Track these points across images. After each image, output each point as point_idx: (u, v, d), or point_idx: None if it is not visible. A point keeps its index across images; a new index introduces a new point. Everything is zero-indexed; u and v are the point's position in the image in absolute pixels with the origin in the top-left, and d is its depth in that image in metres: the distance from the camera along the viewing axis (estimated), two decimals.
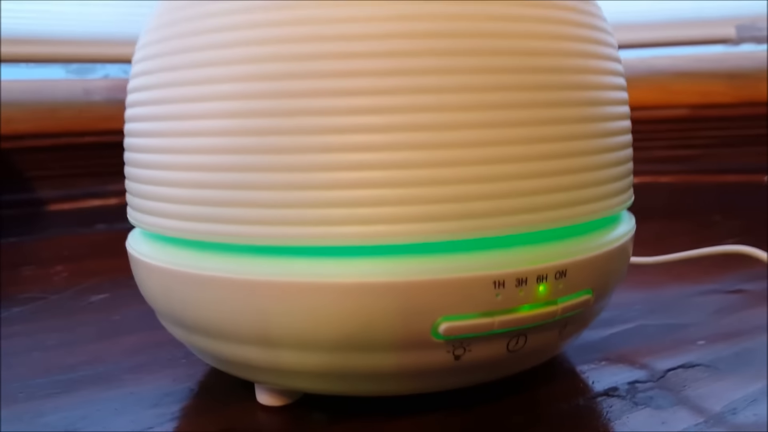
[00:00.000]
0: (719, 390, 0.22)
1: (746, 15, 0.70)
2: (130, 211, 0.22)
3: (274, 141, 0.17)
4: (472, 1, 0.17)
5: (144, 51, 0.21)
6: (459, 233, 0.17)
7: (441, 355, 0.18)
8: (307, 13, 0.17)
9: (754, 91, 0.74)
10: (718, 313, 0.30)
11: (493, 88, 0.17)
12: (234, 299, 0.18)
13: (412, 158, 0.17)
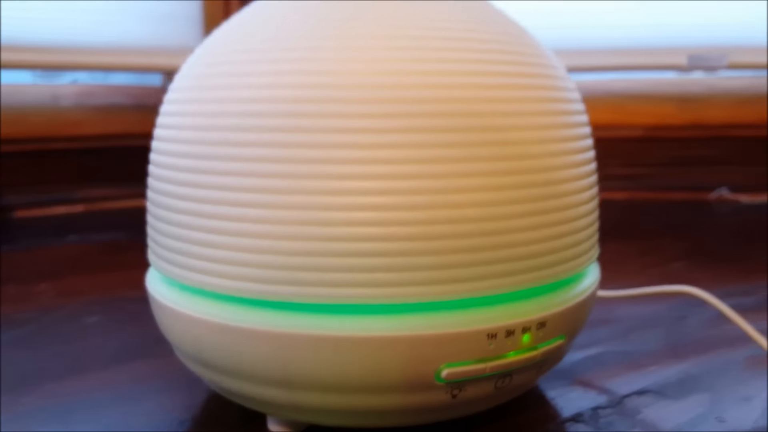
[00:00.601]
0: (668, 414, 0.26)
1: (698, 46, 0.76)
2: (156, 260, 0.24)
3: (299, 216, 0.20)
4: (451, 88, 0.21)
5: (172, 118, 0.23)
6: (458, 294, 0.20)
7: (441, 395, 0.21)
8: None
9: (702, 114, 0.79)
10: (665, 339, 0.34)
11: (478, 174, 0.20)
12: (261, 348, 0.20)
13: (416, 233, 0.20)
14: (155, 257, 0.24)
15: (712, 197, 0.79)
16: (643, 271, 0.48)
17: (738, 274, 0.47)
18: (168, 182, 0.23)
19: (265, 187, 0.20)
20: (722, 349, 0.32)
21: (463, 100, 0.21)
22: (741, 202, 0.79)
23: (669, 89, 0.80)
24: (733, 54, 0.75)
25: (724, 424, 0.25)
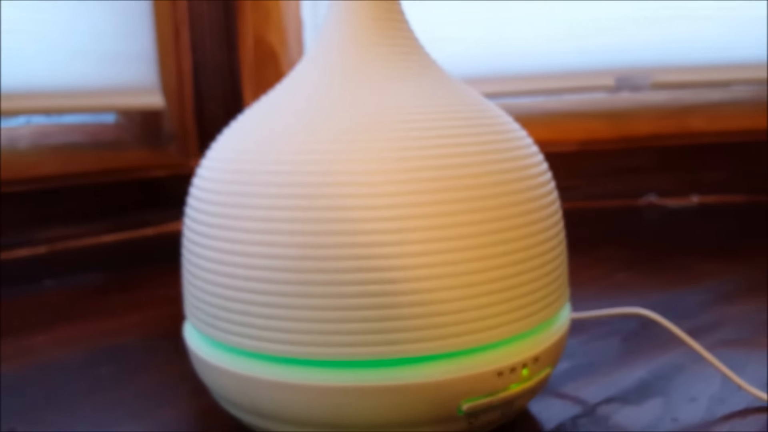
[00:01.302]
0: (632, 418, 0.31)
1: (624, 68, 0.83)
2: (200, 324, 0.27)
3: (333, 291, 0.24)
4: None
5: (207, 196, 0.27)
6: (473, 344, 0.25)
7: (461, 425, 0.25)
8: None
9: (629, 128, 0.87)
10: (619, 351, 0.40)
11: (483, 248, 0.25)
12: (313, 400, 0.25)
13: (437, 299, 0.24)
14: (199, 321, 0.28)
15: (641, 203, 0.87)
16: (593, 283, 0.53)
17: (673, 277, 0.54)
18: (213, 259, 0.26)
19: (308, 268, 0.24)
20: (667, 356, 0.38)
21: (465, 188, 0.25)
22: (668, 206, 0.87)
23: (599, 107, 0.88)
24: (655, 74, 0.83)
25: (678, 423, 0.30)
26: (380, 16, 0.29)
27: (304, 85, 0.29)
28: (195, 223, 0.28)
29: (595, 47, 0.82)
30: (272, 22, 0.80)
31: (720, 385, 0.34)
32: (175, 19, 0.78)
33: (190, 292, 0.29)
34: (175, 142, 0.81)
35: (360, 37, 0.28)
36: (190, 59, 0.79)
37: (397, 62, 0.28)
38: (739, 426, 0.30)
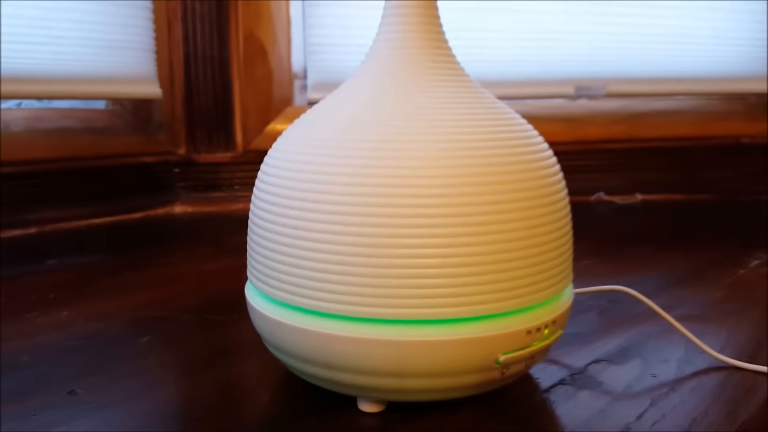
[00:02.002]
0: (619, 375, 0.38)
1: (583, 78, 0.91)
2: (256, 282, 0.32)
3: (397, 262, 0.29)
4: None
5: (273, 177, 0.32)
6: (510, 307, 0.31)
7: (495, 374, 0.31)
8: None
9: (584, 132, 0.95)
10: (598, 322, 0.47)
11: (518, 233, 0.31)
12: (379, 352, 0.30)
13: (485, 272, 0.30)
14: (262, 283, 0.32)
15: (593, 199, 0.96)
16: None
17: (631, 265, 0.62)
18: (279, 232, 0.31)
19: (362, 242, 0.29)
20: (639, 327, 0.45)
21: (487, 183, 0.31)
22: (616, 202, 0.96)
23: (558, 113, 0.96)
24: (609, 85, 0.91)
25: (656, 378, 0.37)
26: (427, 37, 0.34)
27: (361, 94, 0.34)
28: (264, 203, 0.33)
29: (557, 59, 0.90)
30: (262, 19, 0.84)
31: (685, 349, 0.41)
32: (168, 12, 0.80)
33: (255, 259, 0.33)
34: (164, 130, 0.84)
35: (410, 56, 0.34)
36: (181, 51, 0.82)
37: (440, 76, 0.34)
38: (705, 381, 0.37)
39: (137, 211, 0.80)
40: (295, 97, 0.88)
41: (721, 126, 1.02)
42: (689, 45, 0.95)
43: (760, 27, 0.98)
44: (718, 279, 0.57)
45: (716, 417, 0.33)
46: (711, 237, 0.77)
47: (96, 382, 0.36)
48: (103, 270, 0.60)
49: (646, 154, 0.99)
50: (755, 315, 0.48)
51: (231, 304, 0.50)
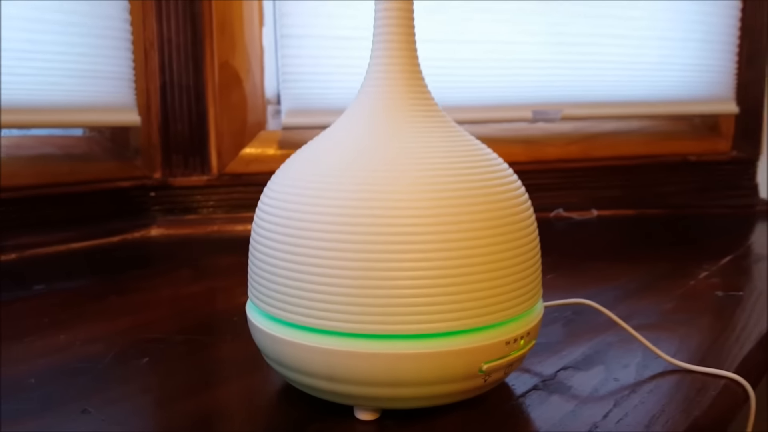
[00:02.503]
0: (585, 380, 0.42)
1: (541, 103, 0.96)
2: (264, 305, 0.35)
3: (387, 284, 0.33)
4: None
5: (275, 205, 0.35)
6: (491, 321, 0.35)
7: (478, 381, 0.35)
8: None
9: (542, 153, 1.01)
10: (564, 332, 0.51)
11: (495, 256, 0.35)
12: (370, 364, 0.33)
13: (466, 290, 0.34)
14: (264, 304, 0.36)
15: (552, 216, 1.01)
16: None
17: (590, 278, 0.66)
18: (278, 257, 0.34)
19: (359, 266, 0.33)
20: (600, 337, 0.50)
21: (465, 213, 0.35)
22: (574, 218, 1.01)
23: (518, 135, 1.01)
24: (565, 109, 0.97)
25: (619, 382, 0.42)
26: (409, 83, 0.38)
27: (353, 131, 0.38)
28: (265, 231, 0.36)
29: (516, 86, 0.96)
30: (237, 48, 0.87)
31: (642, 355, 0.46)
32: (145, 42, 0.83)
33: (257, 282, 0.37)
34: (141, 156, 0.86)
35: (395, 98, 0.38)
36: (158, 80, 0.84)
37: (422, 121, 0.38)
38: (661, 383, 0.42)
39: (115, 235, 0.82)
40: (268, 122, 0.91)
41: (668, 145, 1.08)
42: (638, 71, 1.01)
43: (702, 54, 1.05)
44: (669, 290, 0.63)
45: (672, 414, 0.38)
46: (662, 250, 0.83)
47: (106, 400, 0.39)
48: (90, 294, 0.62)
49: (601, 173, 1.05)
50: (704, 323, 0.54)
51: (220, 324, 0.53)
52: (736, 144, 1.11)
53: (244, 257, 0.41)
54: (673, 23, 1.02)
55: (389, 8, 0.38)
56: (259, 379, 0.42)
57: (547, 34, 0.95)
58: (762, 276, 0.70)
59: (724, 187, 1.11)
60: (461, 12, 0.90)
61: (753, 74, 1.09)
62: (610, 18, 0.98)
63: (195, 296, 0.62)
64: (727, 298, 0.60)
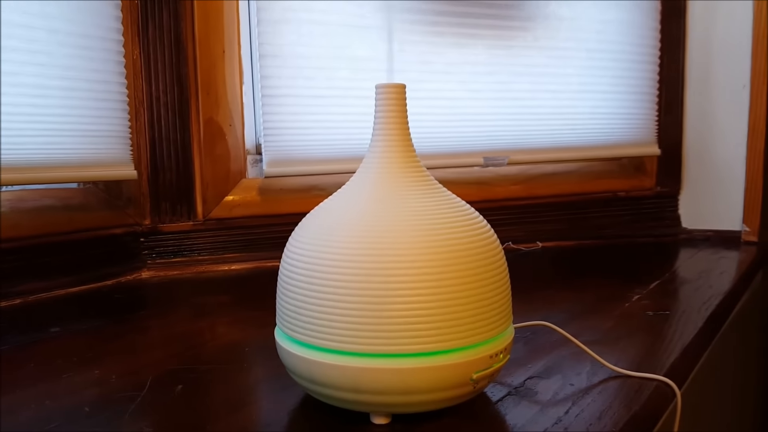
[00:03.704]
0: (547, 387, 0.52)
1: (490, 150, 1.08)
2: (291, 332, 0.44)
3: (387, 314, 0.43)
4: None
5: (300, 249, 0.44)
6: (478, 340, 0.44)
7: (469, 388, 0.45)
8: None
9: (492, 193, 1.12)
10: (526, 350, 0.61)
11: (472, 289, 0.45)
12: (378, 377, 0.43)
13: (455, 317, 0.44)
14: (294, 332, 0.44)
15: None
16: None
17: (540, 303, 0.77)
18: (302, 293, 0.44)
19: (374, 302, 0.43)
20: (555, 352, 0.60)
21: (452, 258, 0.45)
22: (522, 250, 1.13)
23: (471, 178, 1.12)
24: (511, 155, 1.09)
25: (574, 386, 0.52)
26: (404, 158, 0.48)
27: (362, 193, 0.47)
28: (293, 273, 0.45)
29: (469, 136, 1.07)
30: (221, 106, 0.96)
31: (591, 365, 0.56)
32: (135, 101, 0.91)
33: (285, 313, 0.45)
34: (132, 204, 0.93)
35: (393, 168, 0.48)
36: (147, 135, 0.92)
37: (413, 184, 0.48)
38: (607, 386, 0.52)
39: (109, 279, 0.88)
40: (248, 170, 1.00)
41: (601, 183, 1.22)
42: (572, 121, 1.15)
43: (626, 104, 1.19)
44: (609, 311, 0.74)
45: (617, 409, 0.48)
46: (600, 276, 0.95)
47: (158, 421, 0.47)
48: (107, 333, 0.68)
49: (543, 209, 1.17)
50: (639, 337, 0.65)
51: (234, 354, 0.61)
52: (659, 181, 1.26)
53: (234, 295, 0.49)
54: (601, 78, 1.16)
55: (388, 92, 0.49)
56: (281, 397, 0.50)
57: (494, 90, 1.07)
58: (686, 297, 0.82)
59: (650, 218, 1.25)
60: (418, 74, 1.01)
61: (671, 119, 1.24)
62: (547, 75, 1.11)
63: (203, 331, 0.70)
64: (656, 316, 0.72)
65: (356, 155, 0.98)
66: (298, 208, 0.95)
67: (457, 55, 1.04)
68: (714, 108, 1.21)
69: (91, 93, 0.83)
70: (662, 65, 1.21)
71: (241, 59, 0.98)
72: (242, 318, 0.73)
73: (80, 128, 0.82)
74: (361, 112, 0.97)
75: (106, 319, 0.74)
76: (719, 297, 0.82)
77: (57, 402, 0.50)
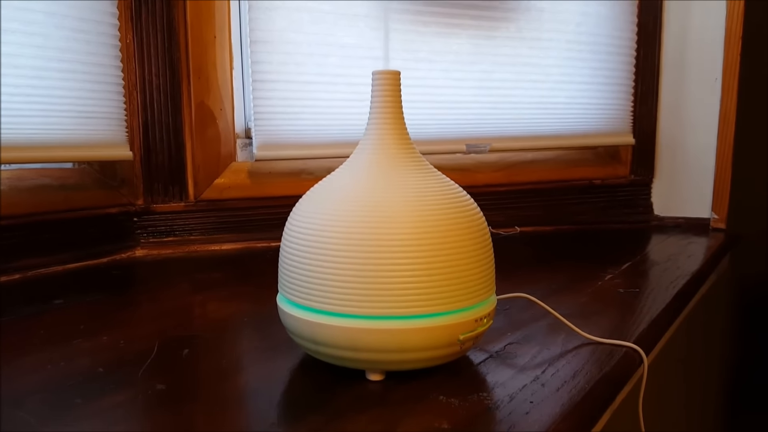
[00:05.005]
0: (526, 352, 0.57)
1: (472, 137, 1.12)
2: (294, 298, 0.48)
3: (385, 279, 0.47)
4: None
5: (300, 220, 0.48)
6: (466, 305, 0.49)
7: (456, 348, 0.49)
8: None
9: (474, 179, 1.16)
10: (505, 321, 0.66)
11: (460, 259, 0.49)
12: (375, 337, 0.47)
13: (444, 283, 0.48)
14: (298, 297, 0.48)
15: None
16: None
17: (519, 281, 0.82)
18: (302, 259, 0.47)
19: (371, 269, 0.46)
20: (534, 323, 0.65)
21: (442, 229, 0.49)
22: (501, 234, 1.17)
23: (454, 164, 1.16)
24: (493, 142, 1.13)
25: (550, 351, 0.56)
26: (398, 140, 0.52)
27: (360, 171, 0.51)
28: (294, 245, 0.49)
29: (452, 124, 1.11)
30: (212, 90, 0.99)
31: (566, 334, 0.61)
32: (129, 84, 0.93)
33: (287, 279, 0.49)
34: (126, 185, 0.95)
35: (387, 150, 0.52)
36: (140, 117, 0.95)
37: (407, 163, 0.52)
38: (581, 351, 0.57)
39: (104, 257, 0.91)
40: (238, 154, 1.03)
41: (577, 171, 1.27)
42: (551, 110, 1.19)
43: (603, 95, 1.24)
44: (582, 289, 0.79)
45: (589, 369, 0.53)
46: (575, 259, 0.99)
47: (171, 380, 0.50)
48: (110, 305, 0.72)
49: (522, 195, 1.22)
50: (611, 311, 0.70)
51: (234, 323, 0.64)
52: (633, 169, 1.31)
53: (228, 273, 0.52)
54: (579, 69, 1.21)
55: (383, 77, 0.52)
56: (282, 359, 0.54)
57: (477, 80, 1.11)
58: (655, 277, 0.87)
59: (624, 206, 1.31)
60: (403, 62, 1.05)
61: (646, 110, 1.29)
62: (527, 66, 1.15)
63: (202, 303, 0.73)
64: (627, 293, 0.77)
65: (345, 140, 1.02)
66: (288, 192, 0.99)
67: (441, 44, 1.08)
68: (687, 100, 1.26)
69: (88, 75, 0.86)
70: (638, 58, 1.26)
71: (232, 45, 1.00)
72: (238, 293, 0.77)
73: (78, 109, 0.85)
74: (350, 98, 1.01)
75: (106, 293, 0.77)
76: (686, 277, 0.87)
77: (72, 363, 0.53)
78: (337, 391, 0.48)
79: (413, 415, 0.44)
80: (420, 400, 0.46)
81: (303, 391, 0.48)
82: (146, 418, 0.43)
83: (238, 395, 0.47)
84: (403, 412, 0.44)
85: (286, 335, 0.59)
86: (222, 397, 0.47)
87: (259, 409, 0.45)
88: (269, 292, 0.73)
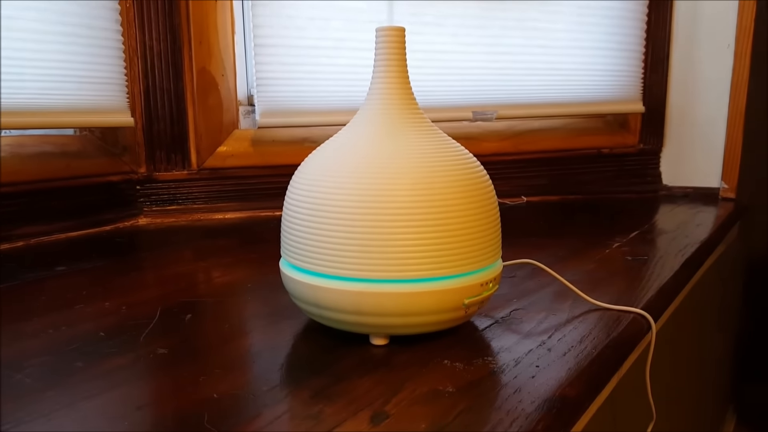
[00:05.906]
0: (530, 318, 0.56)
1: (479, 105, 1.10)
2: (298, 262, 0.47)
3: (392, 244, 0.46)
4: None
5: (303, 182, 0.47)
6: (472, 269, 0.48)
7: (461, 312, 0.48)
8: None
9: (481, 148, 1.15)
10: (512, 286, 0.65)
11: (468, 223, 0.48)
12: (380, 301, 0.46)
13: (452, 247, 0.47)
14: (302, 262, 0.47)
15: None
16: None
17: (527, 248, 0.81)
18: (305, 222, 0.47)
19: (377, 233, 0.45)
20: (541, 289, 0.64)
21: (448, 192, 0.48)
22: (507, 203, 1.16)
23: (461, 132, 1.15)
24: (500, 110, 1.11)
25: (557, 316, 0.56)
26: (403, 100, 0.51)
27: (363, 132, 0.50)
28: (297, 208, 0.48)
29: (459, 90, 1.09)
30: (213, 56, 0.97)
31: (573, 300, 0.60)
32: (129, 50, 0.92)
33: (290, 243, 0.48)
34: (128, 152, 0.95)
35: (392, 110, 0.50)
36: (140, 84, 0.93)
37: (412, 124, 0.50)
38: (588, 317, 0.56)
39: (107, 224, 0.90)
40: (240, 121, 1.02)
41: (585, 140, 1.25)
42: (560, 77, 1.17)
43: (613, 61, 1.22)
44: (590, 256, 0.78)
45: (597, 335, 0.52)
46: (582, 227, 0.98)
47: (173, 344, 0.50)
48: (112, 271, 0.71)
49: (529, 164, 1.21)
50: (618, 278, 0.69)
51: (237, 289, 0.64)
52: (642, 138, 1.29)
53: (231, 240, 0.52)
54: (589, 35, 1.18)
55: (387, 34, 0.51)
56: (285, 323, 0.53)
57: (485, 45, 1.09)
58: (663, 245, 0.86)
59: (632, 175, 1.29)
60: (409, 26, 1.03)
61: (656, 78, 1.27)
62: (536, 30, 1.13)
63: (205, 269, 0.72)
64: (635, 261, 0.76)
65: (349, 107, 1.00)
66: (291, 160, 0.98)
67: (448, 7, 1.05)
68: (698, 67, 1.24)
69: (89, 39, 0.84)
70: (650, 23, 1.24)
71: (233, 9, 0.98)
72: (241, 259, 0.76)
73: (78, 74, 0.84)
74: (354, 64, 0.99)
75: (109, 260, 0.77)
76: (695, 246, 0.86)
77: (73, 328, 0.53)
78: (340, 354, 0.47)
79: (417, 378, 0.43)
80: (424, 364, 0.45)
81: (306, 355, 0.47)
82: (147, 381, 0.43)
83: (241, 359, 0.47)
84: (407, 376, 0.43)
85: (290, 301, 0.58)
86: (224, 360, 0.46)
87: (262, 372, 0.44)
88: (273, 260, 0.73)
